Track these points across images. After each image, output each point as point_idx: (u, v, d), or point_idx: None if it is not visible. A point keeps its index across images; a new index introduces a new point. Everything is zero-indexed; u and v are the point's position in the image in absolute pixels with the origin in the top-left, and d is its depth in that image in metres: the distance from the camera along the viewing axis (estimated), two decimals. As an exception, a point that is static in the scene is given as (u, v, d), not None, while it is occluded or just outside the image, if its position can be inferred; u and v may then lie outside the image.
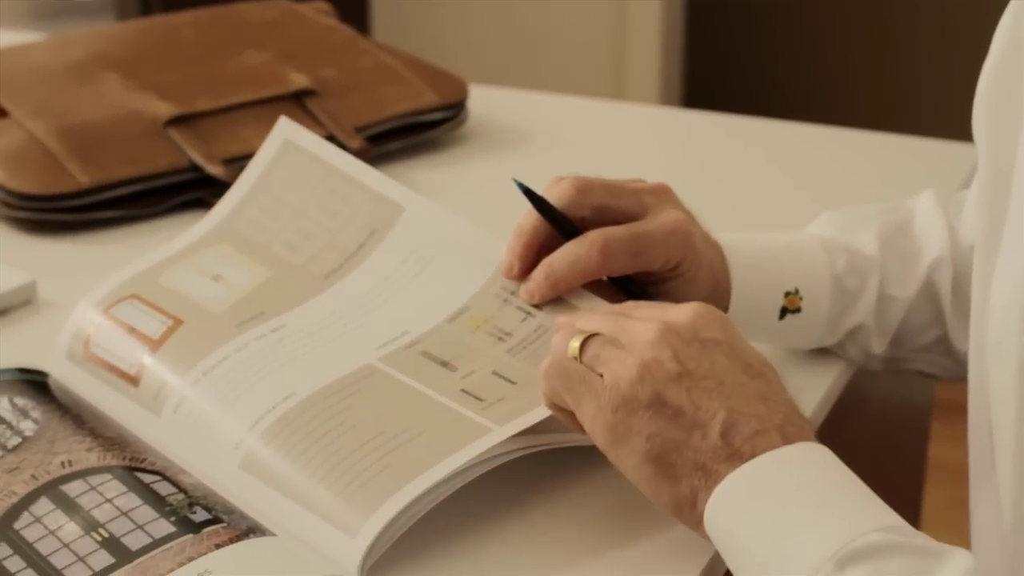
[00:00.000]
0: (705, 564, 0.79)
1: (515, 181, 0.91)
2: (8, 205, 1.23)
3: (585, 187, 0.90)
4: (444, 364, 0.88)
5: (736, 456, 0.74)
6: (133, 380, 0.91)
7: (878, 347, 0.98)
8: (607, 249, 0.88)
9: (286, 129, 1.04)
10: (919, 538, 0.72)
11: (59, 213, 1.23)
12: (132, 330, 0.93)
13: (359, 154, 1.30)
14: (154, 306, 0.95)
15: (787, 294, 0.95)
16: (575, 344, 0.80)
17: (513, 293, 0.91)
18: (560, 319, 0.84)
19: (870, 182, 1.33)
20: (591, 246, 0.88)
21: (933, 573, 0.69)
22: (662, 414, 0.76)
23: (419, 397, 0.86)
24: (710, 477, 0.75)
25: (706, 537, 0.76)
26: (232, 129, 1.31)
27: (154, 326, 0.93)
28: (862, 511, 0.72)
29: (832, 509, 0.72)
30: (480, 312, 0.91)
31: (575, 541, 0.82)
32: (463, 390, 0.86)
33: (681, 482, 0.76)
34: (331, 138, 1.32)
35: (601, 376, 0.78)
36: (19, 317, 1.09)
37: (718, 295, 0.93)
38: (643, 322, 0.79)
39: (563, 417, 0.81)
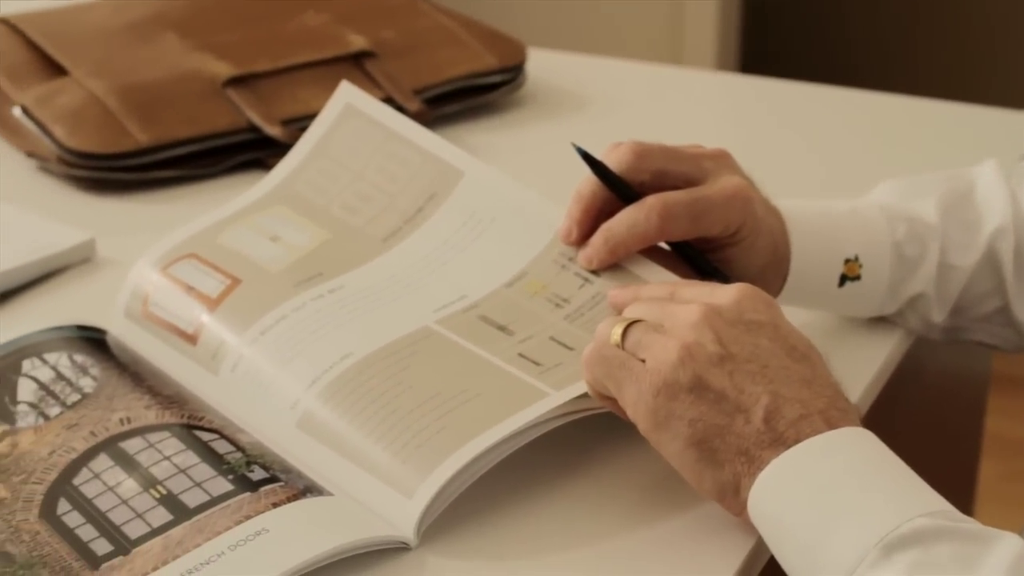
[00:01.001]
0: (752, 544, 0.78)
1: (574, 145, 0.91)
2: (67, 163, 1.24)
3: (644, 152, 0.90)
4: (501, 328, 0.88)
5: (779, 442, 0.74)
6: (191, 339, 0.92)
7: (938, 316, 0.97)
8: (666, 213, 0.87)
9: (348, 93, 1.04)
10: (967, 523, 0.71)
11: (118, 172, 1.23)
12: (190, 289, 0.94)
13: (417, 116, 1.30)
14: (212, 265, 0.95)
15: (847, 261, 0.94)
16: (617, 331, 0.79)
17: (571, 259, 0.91)
18: (611, 295, 0.85)
19: (931, 151, 1.32)
20: (650, 210, 0.87)
21: (982, 558, 0.68)
22: (704, 398, 0.75)
23: (476, 360, 0.86)
24: (753, 463, 0.74)
25: (749, 524, 0.76)
26: (290, 90, 1.31)
27: (212, 285, 0.93)
28: (908, 496, 0.72)
29: (877, 494, 0.72)
30: (538, 277, 0.91)
31: (627, 509, 0.82)
32: (520, 354, 0.86)
33: (724, 468, 0.75)
34: (389, 100, 1.32)
35: (643, 361, 0.77)
36: (78, 275, 1.10)
37: (777, 261, 0.92)
38: (686, 305, 0.78)
39: (607, 404, 0.81)
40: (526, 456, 0.82)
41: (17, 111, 1.27)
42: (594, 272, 0.90)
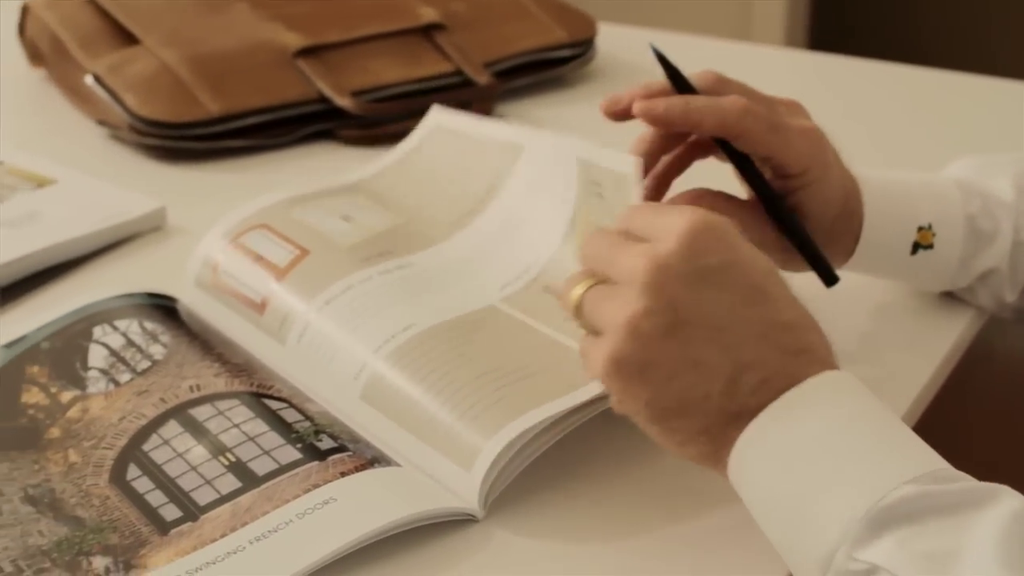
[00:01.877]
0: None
1: (652, 47, 0.89)
2: (139, 132, 1.24)
3: (723, 79, 0.89)
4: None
5: (741, 415, 0.70)
6: (259, 308, 0.92)
7: (1011, 294, 0.96)
8: (748, 107, 0.86)
9: (437, 115, 1.05)
10: (958, 481, 0.67)
11: (189, 141, 1.24)
12: (259, 258, 0.94)
13: (486, 89, 1.31)
14: (282, 236, 0.95)
15: (920, 229, 0.93)
16: (577, 292, 0.75)
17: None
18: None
19: (1004, 132, 1.30)
20: (736, 99, 0.86)
21: (974, 528, 0.64)
22: (655, 378, 0.71)
23: (540, 337, 0.86)
24: (716, 441, 0.71)
25: None
26: (361, 61, 1.31)
27: (281, 255, 0.94)
28: (890, 458, 0.67)
29: (855, 460, 0.67)
30: (584, 212, 0.90)
31: (697, 495, 0.81)
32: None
33: (688, 447, 0.73)
34: (458, 72, 1.32)
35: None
36: (148, 242, 1.10)
37: (848, 215, 0.92)
38: (633, 258, 0.72)
39: None
40: (594, 438, 0.82)
41: (89, 79, 1.28)
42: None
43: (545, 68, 1.39)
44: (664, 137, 0.89)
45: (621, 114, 0.88)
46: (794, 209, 0.89)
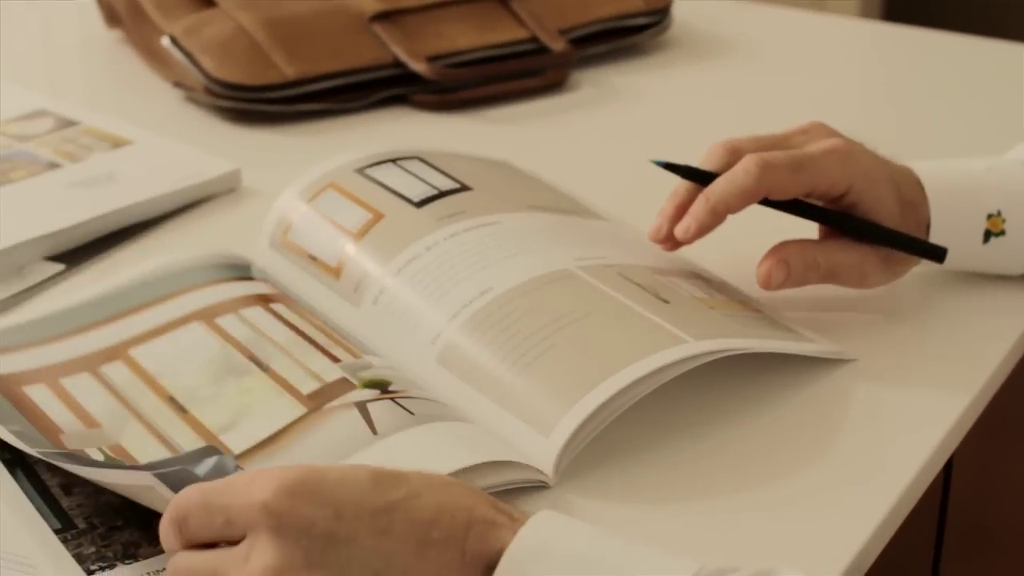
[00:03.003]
0: (896, 498, 0.77)
1: (653, 162, 0.91)
2: (214, 94, 1.25)
3: (731, 148, 0.90)
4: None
5: None
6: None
7: None
8: (763, 163, 0.87)
9: None
10: (739, 571, 0.63)
11: (264, 104, 1.24)
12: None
13: (561, 56, 1.30)
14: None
15: (989, 216, 0.92)
16: None
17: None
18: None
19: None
20: (747, 162, 0.87)
21: None
22: None
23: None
24: None
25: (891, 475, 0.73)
26: (436, 27, 1.31)
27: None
28: (659, 565, 0.62)
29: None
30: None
31: (768, 460, 0.81)
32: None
33: None
34: (533, 39, 1.31)
35: None
36: (223, 204, 1.11)
37: (913, 209, 0.91)
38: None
39: None
40: (665, 403, 0.81)
41: (165, 41, 1.28)
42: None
43: (621, 36, 1.38)
44: (697, 190, 0.90)
45: (670, 242, 0.90)
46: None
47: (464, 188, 0.97)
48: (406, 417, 0.79)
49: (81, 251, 1.03)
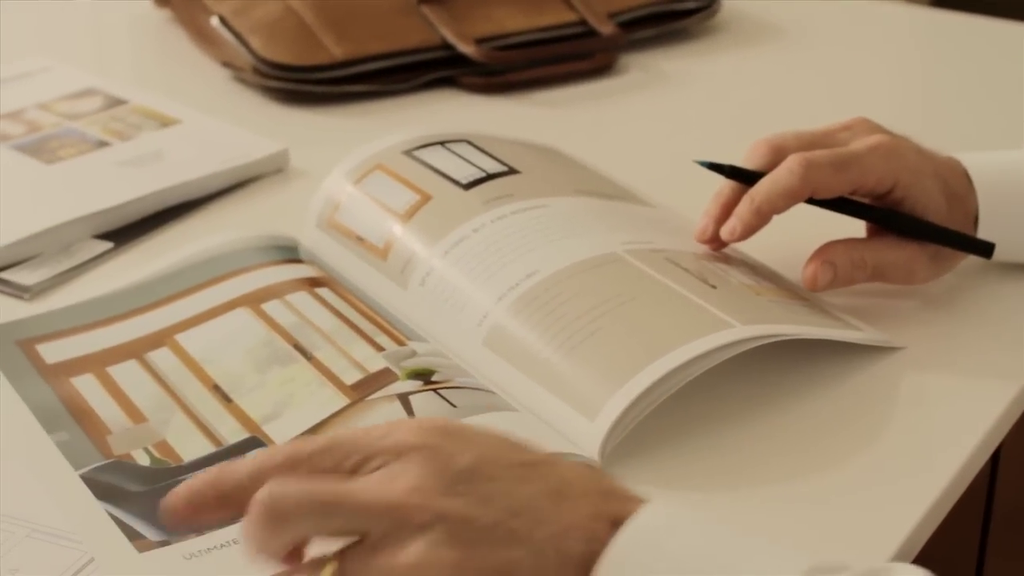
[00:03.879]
0: (945, 485, 0.77)
1: (697, 162, 0.91)
2: (262, 74, 1.25)
3: (775, 146, 0.90)
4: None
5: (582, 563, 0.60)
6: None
7: None
8: (807, 162, 0.86)
9: None
10: (849, 569, 0.61)
11: (311, 84, 1.24)
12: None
13: (610, 40, 1.30)
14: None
15: None
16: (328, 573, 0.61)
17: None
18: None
19: None
20: (791, 162, 0.87)
21: None
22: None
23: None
24: None
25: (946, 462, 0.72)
26: (484, 10, 1.30)
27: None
28: (769, 560, 0.60)
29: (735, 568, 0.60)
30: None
31: (820, 447, 0.80)
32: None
33: None
34: (582, 22, 1.31)
35: None
36: (270, 185, 1.11)
37: (960, 201, 0.91)
38: (380, 503, 0.60)
39: None
40: (711, 389, 0.81)
41: (215, 21, 1.29)
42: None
43: (670, 20, 1.37)
44: (742, 189, 0.90)
45: (716, 242, 0.91)
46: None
47: (512, 171, 0.96)
48: (449, 410, 0.79)
49: (129, 229, 1.03)
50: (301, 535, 0.61)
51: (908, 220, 0.90)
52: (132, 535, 0.72)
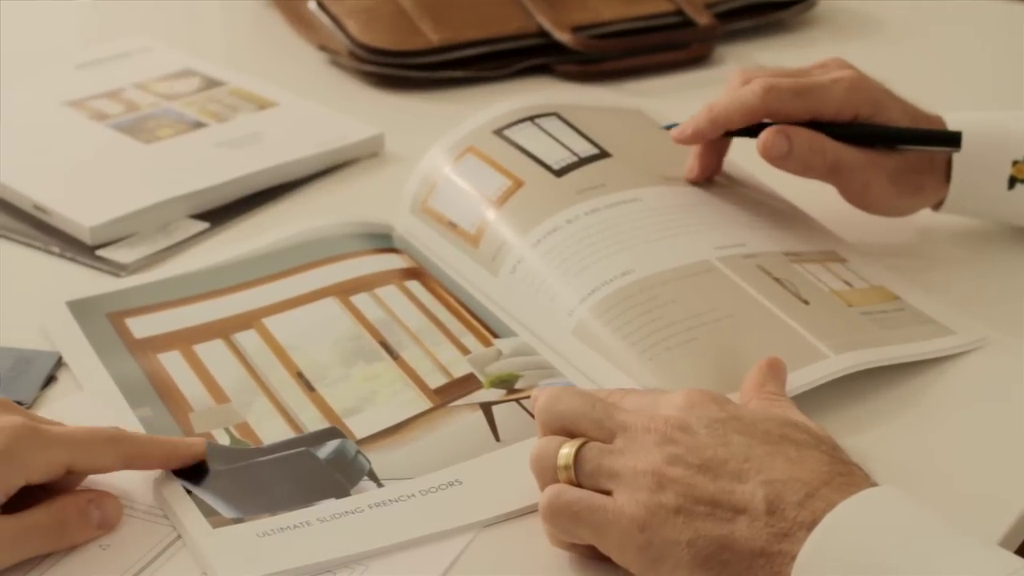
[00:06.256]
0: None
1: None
2: (358, 58, 1.25)
3: (752, 76, 0.93)
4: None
5: (796, 529, 0.64)
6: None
7: None
8: (768, 85, 0.90)
9: None
10: None
11: (408, 69, 1.25)
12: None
13: (707, 31, 1.29)
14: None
15: (1015, 163, 0.92)
16: (569, 454, 0.70)
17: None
18: (533, 394, 0.76)
19: None
20: (755, 84, 0.91)
21: None
22: (695, 513, 0.66)
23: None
24: (775, 560, 0.64)
25: None
26: (582, -2, 1.30)
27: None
28: (976, 560, 0.61)
29: (941, 563, 0.61)
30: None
31: (913, 438, 0.80)
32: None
33: None
34: (678, 12, 1.31)
35: (610, 493, 0.69)
36: (366, 168, 1.11)
37: (931, 164, 0.93)
38: (638, 423, 0.70)
39: (581, 552, 0.72)
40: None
41: (312, 5, 1.29)
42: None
43: (767, 11, 1.37)
44: (710, 152, 0.95)
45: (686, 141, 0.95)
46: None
47: (603, 154, 0.96)
48: (529, 421, 0.79)
49: (225, 210, 1.04)
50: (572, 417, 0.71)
51: (870, 129, 0.92)
52: (208, 512, 0.73)
